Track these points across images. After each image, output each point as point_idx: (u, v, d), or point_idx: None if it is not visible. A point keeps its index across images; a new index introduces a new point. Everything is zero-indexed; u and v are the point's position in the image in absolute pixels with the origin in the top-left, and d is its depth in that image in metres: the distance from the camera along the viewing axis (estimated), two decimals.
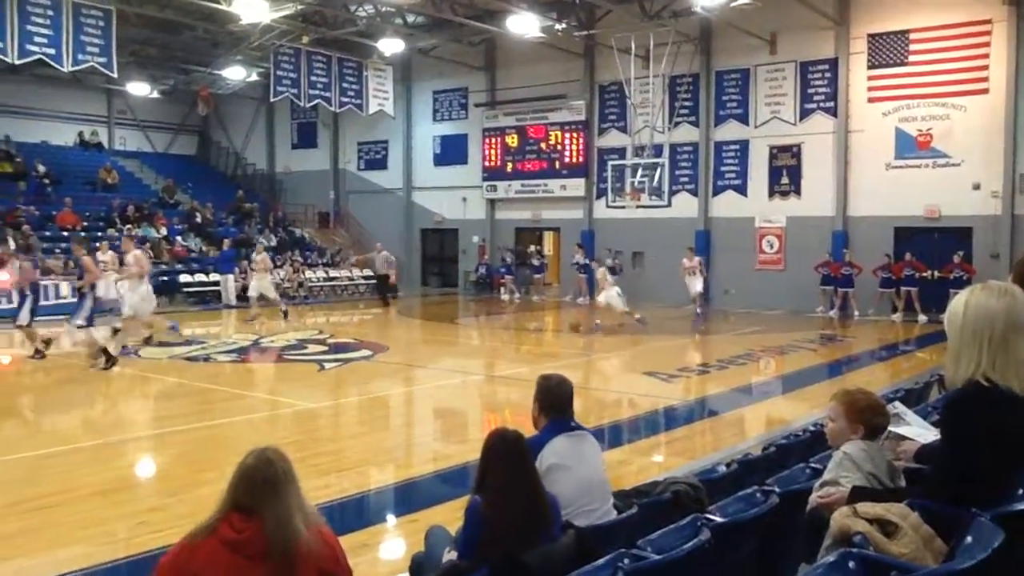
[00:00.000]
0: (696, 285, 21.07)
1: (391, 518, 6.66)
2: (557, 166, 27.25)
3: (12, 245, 22.43)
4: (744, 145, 23.90)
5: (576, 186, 26.88)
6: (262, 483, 2.92)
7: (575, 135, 26.86)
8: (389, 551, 5.77)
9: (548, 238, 28.72)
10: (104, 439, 9.03)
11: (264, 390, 12.07)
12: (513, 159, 28.16)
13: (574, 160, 26.91)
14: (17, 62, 19.68)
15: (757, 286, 23.20)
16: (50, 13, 19.78)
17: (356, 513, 6.35)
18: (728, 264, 23.91)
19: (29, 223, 24.18)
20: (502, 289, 27.31)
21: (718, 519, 3.46)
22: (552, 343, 17.88)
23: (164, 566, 2.90)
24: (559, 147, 27.22)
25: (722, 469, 5.10)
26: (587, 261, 25.07)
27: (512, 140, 28.14)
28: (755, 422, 10.31)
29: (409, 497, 7.12)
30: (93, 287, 13.89)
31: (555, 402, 4.28)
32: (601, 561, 3.06)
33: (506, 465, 3.56)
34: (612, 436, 9.25)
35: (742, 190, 24.00)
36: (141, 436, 9.30)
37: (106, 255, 16.43)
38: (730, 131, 24.12)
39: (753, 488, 3.90)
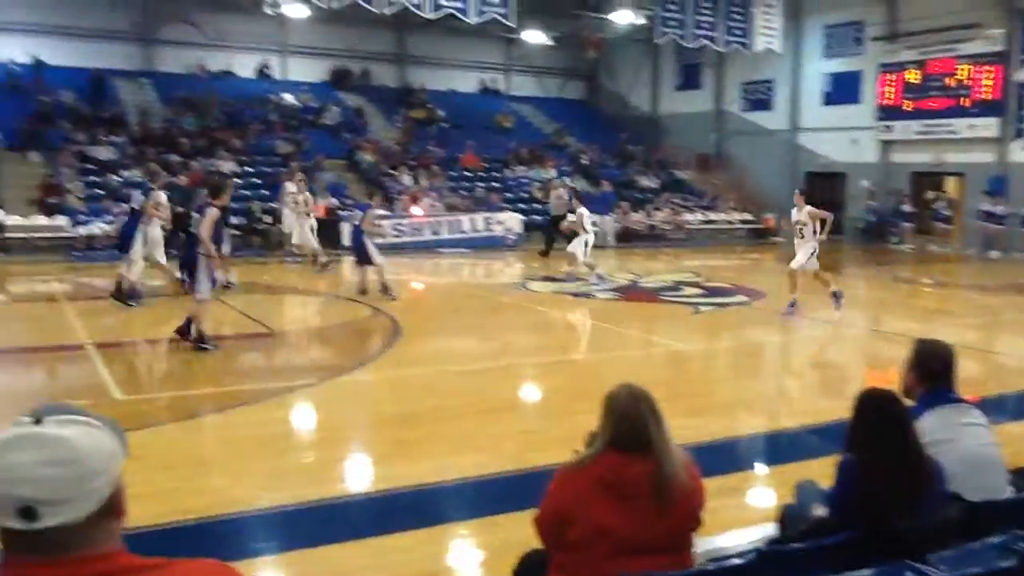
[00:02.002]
0: (800, 254, 12.74)
1: (759, 466, 6.61)
2: (965, 103, 24.49)
3: (427, 184, 25.11)
4: None
5: (987, 126, 23.97)
6: (642, 421, 2.99)
7: (989, 69, 23.89)
8: (757, 498, 5.74)
9: (949, 184, 26.10)
10: (494, 363, 9.89)
11: (639, 329, 12.41)
12: (913, 97, 25.78)
13: (986, 96, 23.99)
14: (431, 17, 21.73)
15: None
16: None
17: (724, 457, 6.37)
18: None
19: (438, 164, 26.84)
20: (895, 238, 25.38)
21: None
22: (948, 299, 16.35)
23: (548, 502, 3.10)
24: (968, 82, 24.40)
25: None
26: (1003, 211, 22.38)
27: (913, 76, 25.71)
28: None
29: (779, 447, 6.99)
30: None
31: (934, 371, 3.92)
32: (994, 540, 2.82)
33: (881, 426, 3.37)
34: (1016, 407, 8.31)
35: None
36: (526, 363, 10.04)
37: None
38: None
39: None
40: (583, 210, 16.61)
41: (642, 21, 27.65)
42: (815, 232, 12.55)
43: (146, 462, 5.58)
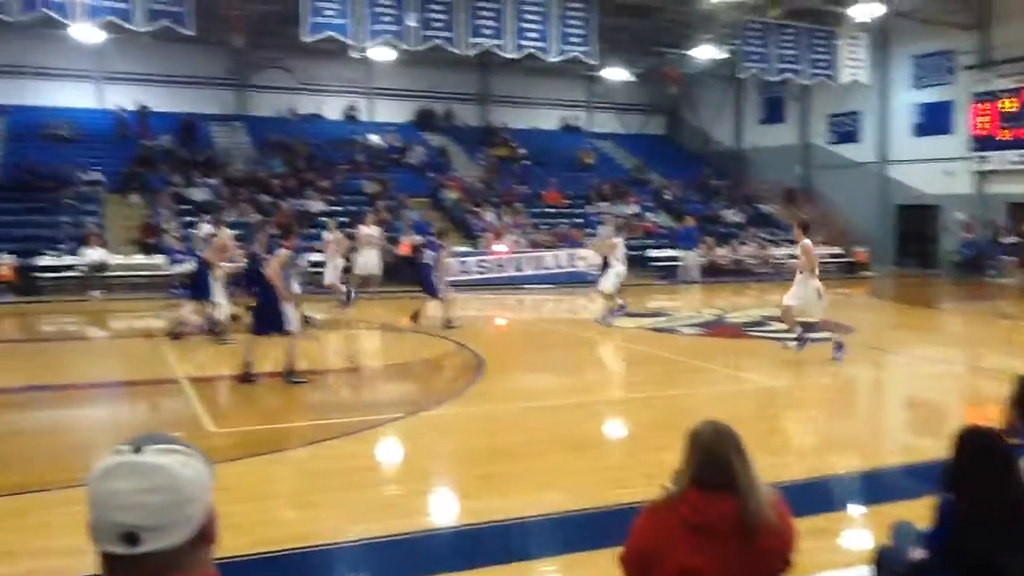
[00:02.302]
0: (801, 300, 11.78)
1: (853, 506, 6.39)
2: None
3: (510, 221, 25.30)
4: None
5: None
6: (727, 459, 2.92)
7: None
8: (850, 540, 5.55)
9: None
10: (578, 399, 9.84)
11: (725, 364, 12.19)
12: (1009, 126, 24.93)
13: None
14: (513, 56, 22.05)
15: None
16: (541, 10, 21.85)
17: (816, 496, 6.18)
18: None
19: (520, 201, 27.04)
20: (993, 271, 24.45)
21: None
22: None
23: (633, 540, 3.04)
24: None
25: None
26: None
27: (1009, 104, 24.90)
28: None
29: (873, 487, 6.75)
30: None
31: None
32: None
33: (983, 464, 3.23)
34: None
35: None
36: (610, 399, 9.97)
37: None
38: None
39: None
40: (619, 240, 16.05)
41: (724, 55, 27.55)
42: (812, 270, 11.77)
43: (236, 493, 5.71)
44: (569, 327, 16.68)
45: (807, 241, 12.01)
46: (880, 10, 23.02)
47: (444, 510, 6.31)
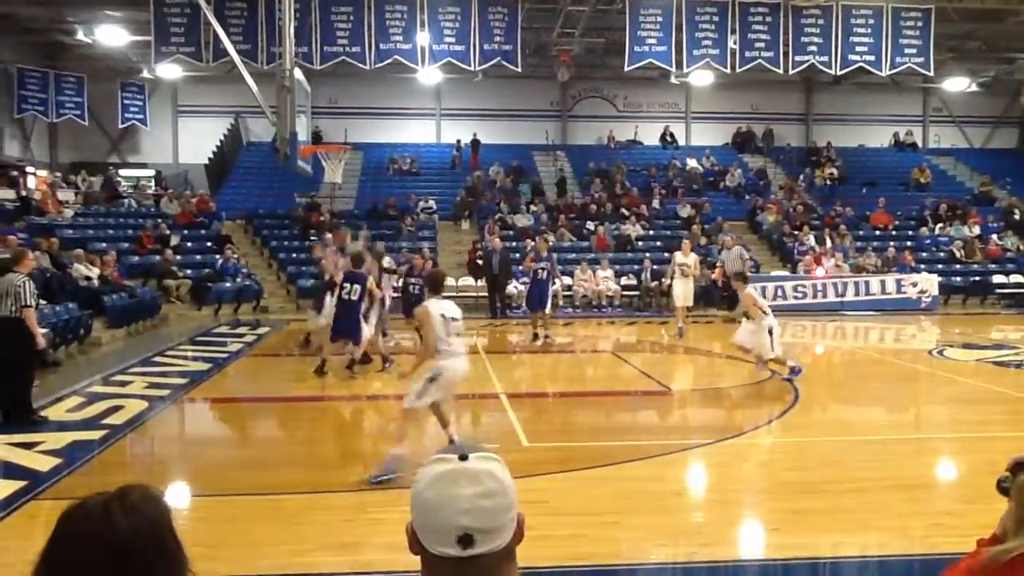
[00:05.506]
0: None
1: None
2: None
3: (828, 243, 24.10)
4: None
5: None
6: None
7: None
8: None
9: None
10: (904, 435, 9.16)
11: None
12: None
13: None
14: (840, 72, 21.08)
15: None
16: (871, 22, 20.73)
17: None
18: None
19: (845, 224, 25.63)
20: None
21: None
22: None
23: None
24: None
25: None
26: None
27: None
28: None
29: None
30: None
31: None
32: None
33: None
34: None
35: None
36: (944, 437, 9.16)
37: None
38: None
39: None
40: (749, 290, 11.90)
41: None
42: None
43: (548, 507, 5.96)
44: (896, 357, 15.53)
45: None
46: None
47: (752, 541, 6.14)
